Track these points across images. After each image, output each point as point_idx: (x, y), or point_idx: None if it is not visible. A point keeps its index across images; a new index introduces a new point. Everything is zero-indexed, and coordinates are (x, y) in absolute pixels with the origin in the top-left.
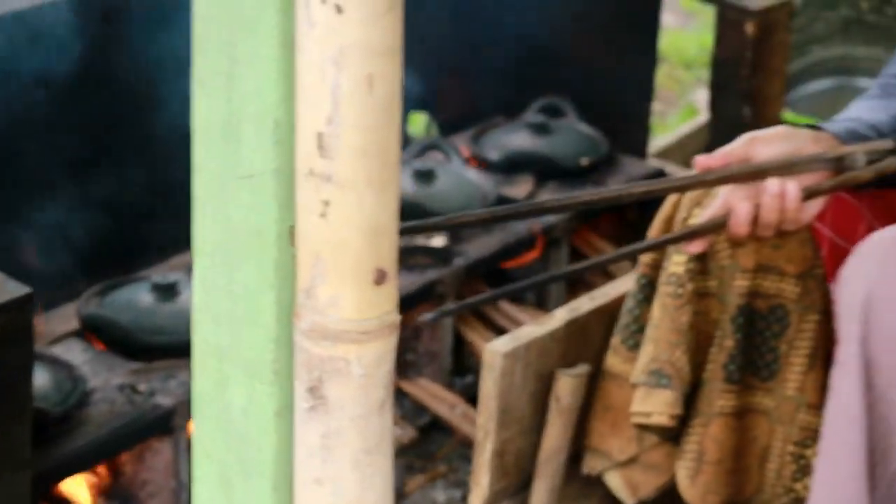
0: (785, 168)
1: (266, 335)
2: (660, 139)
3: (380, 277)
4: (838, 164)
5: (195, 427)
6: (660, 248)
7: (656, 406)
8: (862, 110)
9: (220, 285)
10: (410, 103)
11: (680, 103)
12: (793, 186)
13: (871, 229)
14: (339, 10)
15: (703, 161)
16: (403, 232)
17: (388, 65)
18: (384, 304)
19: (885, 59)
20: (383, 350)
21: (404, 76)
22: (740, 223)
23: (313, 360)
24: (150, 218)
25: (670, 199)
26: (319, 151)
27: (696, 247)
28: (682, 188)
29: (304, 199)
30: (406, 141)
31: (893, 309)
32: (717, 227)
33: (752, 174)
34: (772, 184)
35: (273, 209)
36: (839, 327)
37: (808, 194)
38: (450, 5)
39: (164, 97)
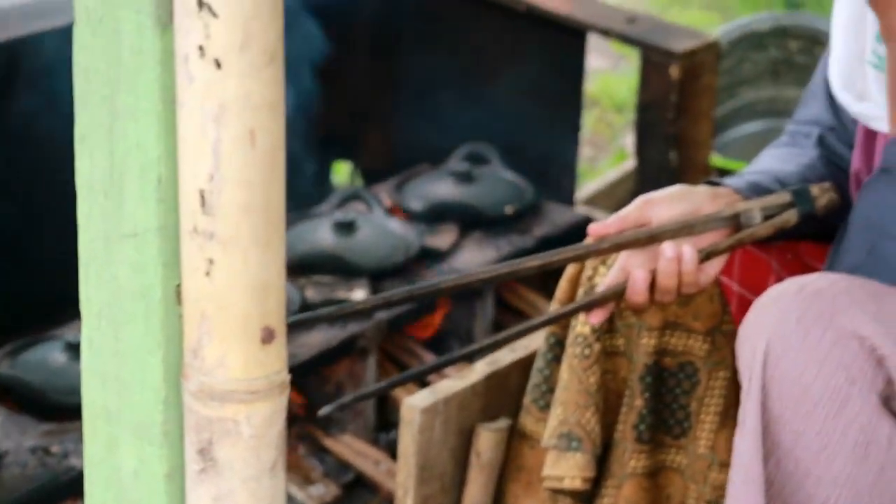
0: (681, 230)
1: (154, 396)
2: (588, 185)
3: (267, 336)
4: (736, 222)
5: (87, 491)
6: (563, 319)
7: (568, 470)
8: (771, 160)
9: (107, 346)
10: (334, 152)
11: (611, 148)
12: (689, 249)
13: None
14: (218, 64)
15: (596, 229)
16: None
17: (269, 119)
18: (273, 363)
19: None
20: (273, 410)
21: (327, 126)
22: (637, 291)
23: (202, 422)
24: (63, 275)
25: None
26: (202, 209)
27: (596, 317)
28: (577, 258)
29: (189, 258)
30: (328, 191)
31: (794, 363)
32: (616, 295)
33: (647, 239)
34: (667, 248)
35: (158, 268)
36: (741, 383)
37: (706, 255)
38: (372, 52)
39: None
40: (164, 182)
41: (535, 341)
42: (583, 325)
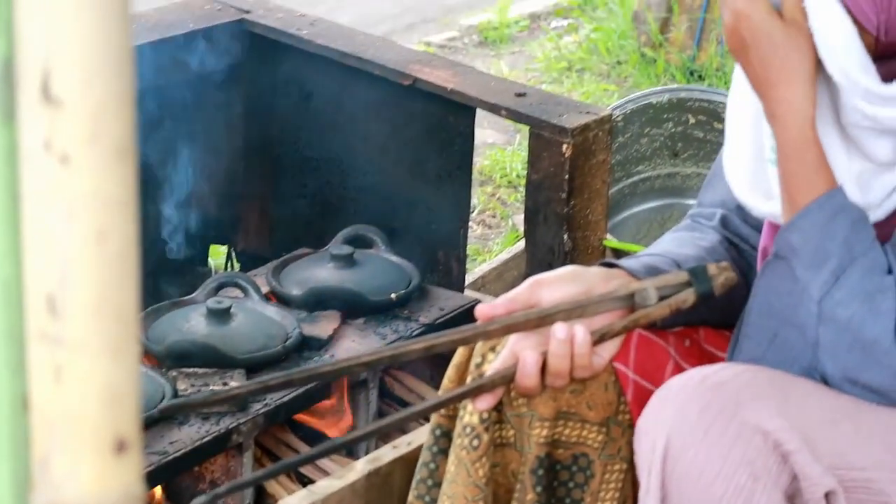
0: (573, 311)
1: None
2: (479, 268)
3: (120, 446)
4: (630, 302)
5: None
6: (448, 405)
7: None
8: (669, 244)
9: None
10: (210, 235)
11: (504, 226)
12: (581, 330)
13: (678, 372)
14: (65, 160)
15: (484, 310)
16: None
17: (121, 218)
18: (127, 476)
19: None
20: None
21: (201, 208)
22: (528, 374)
23: None
24: None
25: (464, 348)
26: (50, 313)
27: (484, 402)
28: (464, 341)
29: (36, 364)
30: (203, 276)
31: (695, 460)
32: (505, 380)
33: (538, 320)
34: (558, 329)
35: (4, 375)
36: (639, 480)
37: (600, 337)
38: (247, 130)
39: None
40: (9, 284)
41: (419, 437)
42: (471, 415)
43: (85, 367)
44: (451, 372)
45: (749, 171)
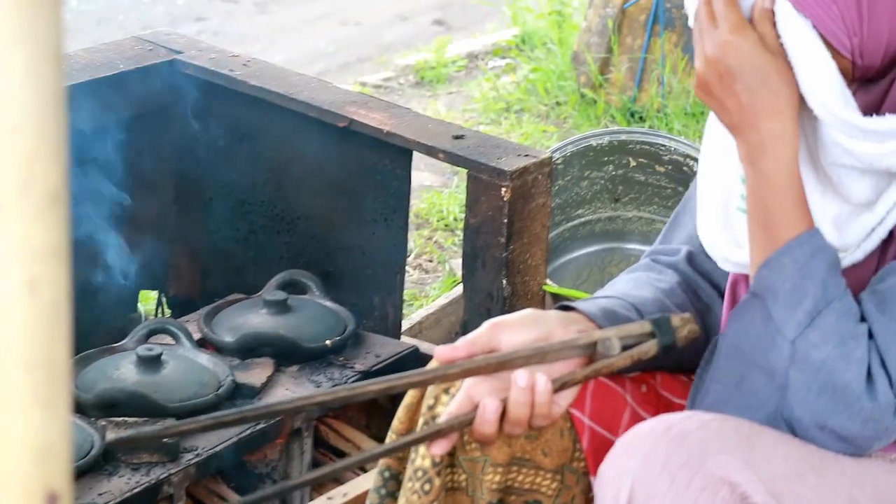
0: (533, 357)
1: None
2: (415, 314)
3: (52, 500)
4: (592, 350)
5: None
6: (402, 449)
7: None
8: (626, 285)
9: None
10: (140, 281)
11: (441, 270)
12: (543, 378)
13: (635, 418)
14: None
15: (444, 353)
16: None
17: (53, 267)
18: None
19: (656, 221)
20: None
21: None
22: (487, 421)
23: None
24: None
25: (416, 389)
26: None
27: (440, 447)
28: (422, 383)
29: None
30: (133, 323)
31: None
32: (462, 425)
33: (497, 365)
34: (520, 376)
35: None
36: None
37: (561, 385)
38: (179, 174)
39: None
40: None
41: (354, 488)
42: (423, 458)
43: (15, 420)
44: (401, 413)
45: (719, 220)
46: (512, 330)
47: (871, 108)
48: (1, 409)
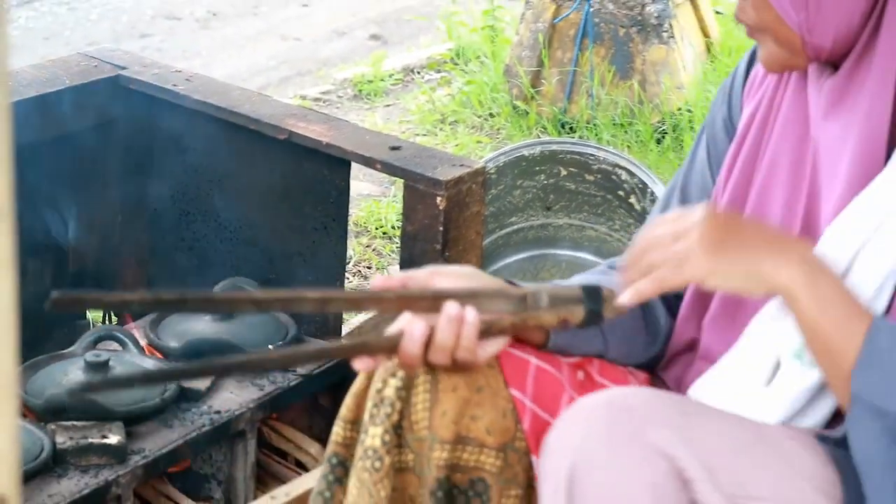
0: (466, 298)
1: None
2: (354, 318)
3: None
4: (522, 306)
5: None
6: (325, 357)
7: None
8: (579, 278)
9: None
10: (87, 289)
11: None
12: (472, 311)
13: (572, 402)
14: None
15: (380, 282)
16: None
17: (0, 277)
18: None
19: (586, 228)
20: None
21: (78, 261)
22: (413, 340)
23: None
24: None
25: (363, 373)
26: None
27: (363, 364)
28: (356, 303)
29: None
30: (81, 329)
31: (600, 482)
32: (390, 343)
33: (432, 300)
34: (450, 306)
35: None
36: (543, 502)
37: (487, 328)
38: (124, 182)
39: None
40: None
41: (296, 488)
42: (372, 438)
43: None
44: (349, 400)
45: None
46: (448, 276)
47: (836, 95)
48: None
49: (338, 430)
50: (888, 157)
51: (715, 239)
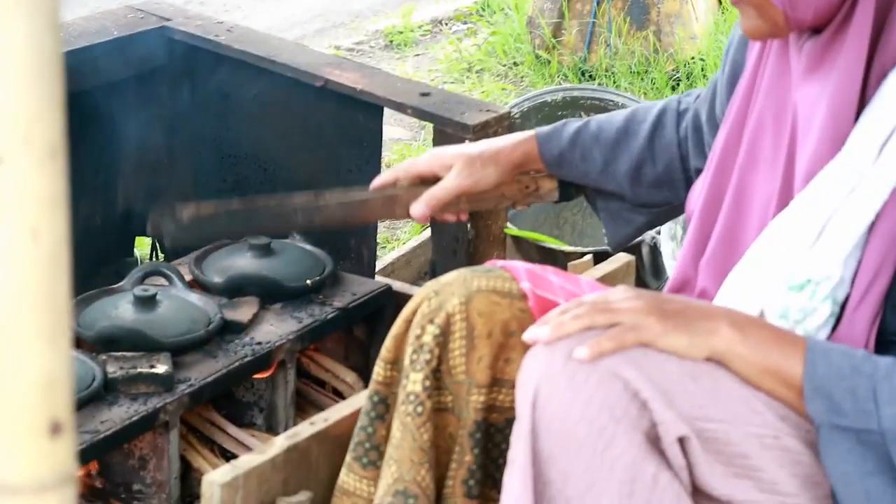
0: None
1: None
2: (388, 255)
3: (55, 429)
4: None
5: None
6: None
7: None
8: (601, 152)
9: None
10: (135, 228)
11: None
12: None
13: None
14: None
15: (378, 181)
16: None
17: (53, 215)
18: (61, 456)
19: None
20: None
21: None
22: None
23: None
24: None
25: (402, 317)
26: None
27: (419, 210)
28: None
29: None
30: (130, 266)
31: (561, 404)
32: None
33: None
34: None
35: None
36: (513, 432)
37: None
38: (170, 127)
39: None
40: None
41: (335, 413)
42: (413, 384)
43: (21, 356)
44: (388, 343)
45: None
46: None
47: (815, 57)
48: (8, 346)
49: (378, 370)
50: (857, 118)
51: (659, 309)
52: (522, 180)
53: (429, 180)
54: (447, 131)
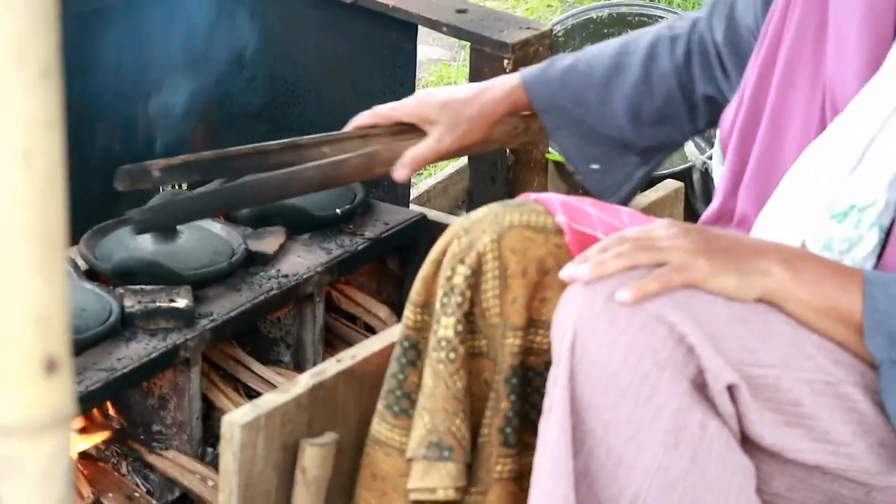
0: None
1: None
2: (423, 182)
3: (51, 366)
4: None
5: None
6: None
7: (440, 481)
8: (596, 93)
9: None
10: (156, 156)
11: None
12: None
13: None
14: None
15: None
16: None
17: (47, 137)
18: (58, 395)
19: None
20: (60, 444)
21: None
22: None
23: None
24: None
25: (431, 258)
26: None
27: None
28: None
29: None
30: (148, 195)
31: (601, 348)
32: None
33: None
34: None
35: None
36: (550, 376)
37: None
38: (196, 52)
39: None
40: None
41: (362, 350)
42: (445, 329)
43: (14, 289)
44: (418, 285)
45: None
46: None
47: None
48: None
49: (408, 314)
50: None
51: (707, 247)
52: (510, 121)
53: (407, 129)
54: (485, 51)
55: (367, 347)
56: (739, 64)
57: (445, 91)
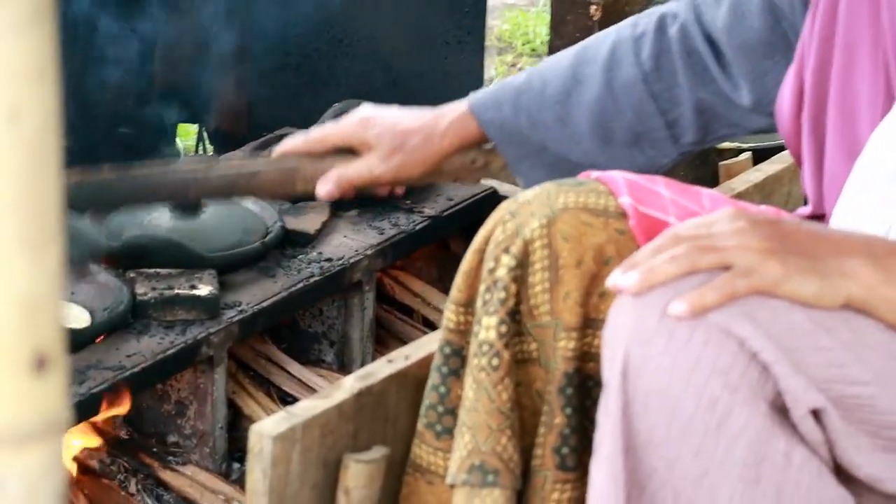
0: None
1: None
2: None
3: (40, 364)
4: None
5: None
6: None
7: None
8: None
9: None
10: (177, 113)
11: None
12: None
13: None
14: None
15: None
16: None
17: (37, 89)
18: (48, 397)
19: None
20: (49, 456)
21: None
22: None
23: None
24: None
25: (474, 247)
26: None
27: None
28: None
29: None
30: (171, 159)
31: (658, 372)
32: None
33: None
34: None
35: None
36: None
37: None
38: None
39: None
40: None
41: (418, 350)
42: (487, 331)
43: None
44: (459, 280)
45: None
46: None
47: None
48: None
49: (449, 315)
50: None
51: (779, 245)
52: (467, 154)
53: (345, 153)
54: None
55: (423, 346)
56: (748, 56)
57: (393, 115)
